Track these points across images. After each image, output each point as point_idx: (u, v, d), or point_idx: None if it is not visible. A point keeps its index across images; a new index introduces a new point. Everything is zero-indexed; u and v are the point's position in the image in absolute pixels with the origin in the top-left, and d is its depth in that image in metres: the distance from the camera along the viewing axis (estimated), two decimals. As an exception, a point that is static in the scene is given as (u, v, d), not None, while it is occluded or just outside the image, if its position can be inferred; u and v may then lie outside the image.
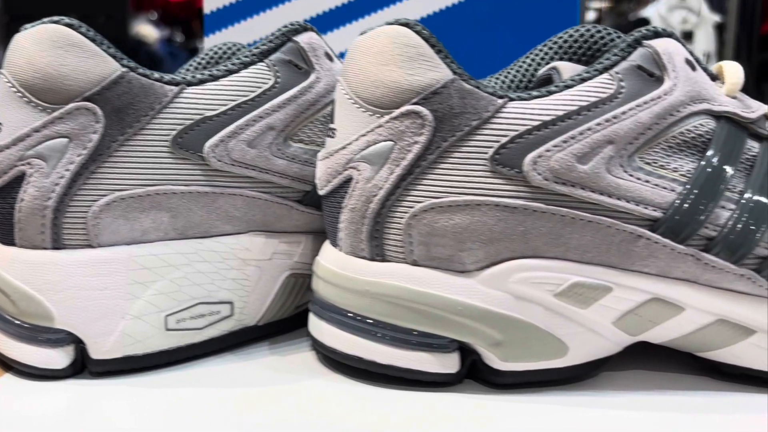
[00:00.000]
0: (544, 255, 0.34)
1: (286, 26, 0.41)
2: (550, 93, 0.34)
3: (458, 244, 0.34)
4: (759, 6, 2.58)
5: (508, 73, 0.41)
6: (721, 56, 2.69)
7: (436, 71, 0.34)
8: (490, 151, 0.33)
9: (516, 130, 0.33)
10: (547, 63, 0.40)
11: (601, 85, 0.34)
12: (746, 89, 0.36)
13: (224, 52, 0.45)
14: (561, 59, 0.40)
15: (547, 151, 0.33)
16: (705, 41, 2.73)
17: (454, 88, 0.33)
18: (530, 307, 0.34)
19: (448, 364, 0.35)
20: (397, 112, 0.34)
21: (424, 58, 0.34)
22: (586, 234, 0.33)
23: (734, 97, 0.36)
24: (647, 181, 0.34)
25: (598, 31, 0.40)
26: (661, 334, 0.35)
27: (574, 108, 0.33)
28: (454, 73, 0.34)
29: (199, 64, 0.45)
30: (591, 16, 2.93)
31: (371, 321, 0.35)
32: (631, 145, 0.34)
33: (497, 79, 0.41)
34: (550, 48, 0.40)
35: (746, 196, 0.34)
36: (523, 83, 0.40)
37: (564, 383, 0.36)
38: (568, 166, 0.33)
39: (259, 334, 0.41)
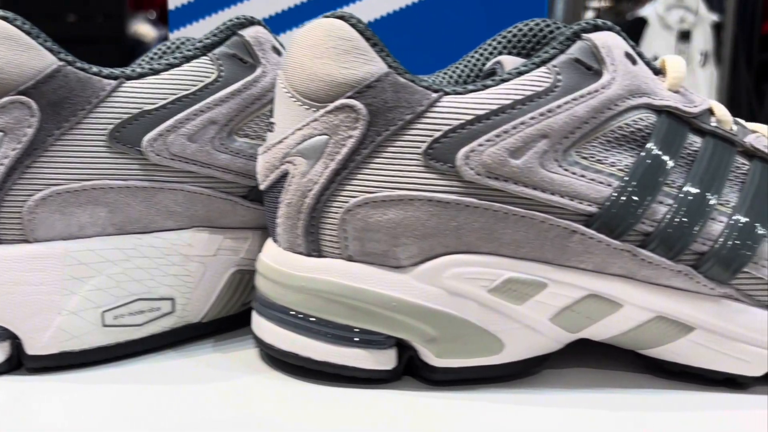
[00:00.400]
0: (478, 250, 0.33)
1: (231, 20, 0.41)
2: (486, 87, 0.33)
3: (392, 240, 0.33)
4: (759, 6, 2.58)
5: (456, 67, 0.41)
6: (718, 56, 2.68)
7: (370, 65, 0.33)
8: (424, 146, 0.33)
9: (449, 125, 0.33)
10: (495, 57, 0.40)
11: (537, 79, 0.34)
12: (746, 89, 0.36)
13: (177, 47, 0.45)
14: (510, 53, 0.40)
15: (480, 145, 0.32)
16: (702, 40, 2.72)
17: (388, 81, 0.33)
18: (464, 302, 0.34)
19: (384, 360, 0.34)
20: (331, 105, 0.33)
21: (359, 52, 0.33)
22: (520, 229, 0.33)
23: (677, 92, 0.36)
24: (583, 176, 0.33)
25: (547, 25, 0.39)
26: (600, 331, 0.35)
27: (508, 102, 0.33)
28: (390, 66, 0.33)
29: (151, 59, 0.45)
30: (589, 15, 2.92)
31: (307, 317, 0.35)
32: (567, 140, 0.33)
33: (445, 73, 0.41)
34: (499, 42, 0.40)
35: (684, 191, 0.34)
36: (471, 78, 0.40)
37: (502, 380, 0.35)
38: (501, 160, 0.32)
39: (204, 331, 0.41)
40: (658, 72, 0.36)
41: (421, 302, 0.34)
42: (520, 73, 0.34)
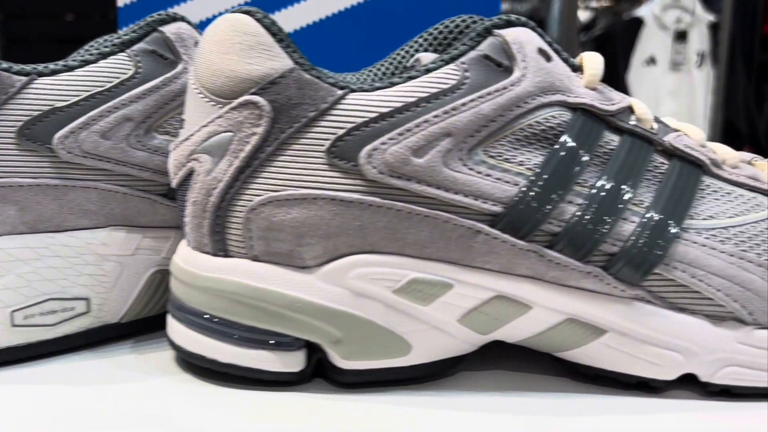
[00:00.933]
0: (382, 250, 0.33)
1: (152, 16, 0.40)
2: (393, 84, 0.33)
3: (297, 239, 0.33)
4: (760, 6, 2.56)
5: (382, 65, 0.40)
6: (715, 56, 2.67)
7: (274, 61, 0.33)
8: (327, 144, 0.32)
9: (353, 122, 0.32)
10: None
11: (444, 76, 0.33)
12: (743, 90, 0.35)
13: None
14: (435, 50, 0.39)
15: (383, 144, 0.32)
16: (699, 41, 2.71)
17: (292, 78, 0.32)
18: (369, 303, 0.33)
19: (290, 362, 0.34)
20: (235, 102, 0.33)
21: (263, 47, 0.33)
22: (424, 229, 0.32)
23: (594, 89, 0.35)
24: (488, 175, 0.32)
25: (474, 21, 0.38)
26: (512, 333, 0.34)
27: (413, 100, 0.32)
28: (296, 62, 0.33)
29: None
30: (586, 15, 2.91)
31: (214, 319, 0.34)
32: (472, 138, 0.32)
33: (370, 71, 0.40)
34: (425, 39, 0.39)
35: (595, 190, 0.33)
36: (394, 75, 0.39)
37: (412, 382, 0.35)
38: (403, 159, 0.32)
39: (124, 331, 0.40)
40: (577, 69, 0.36)
41: (326, 303, 0.33)
42: (428, 71, 0.33)
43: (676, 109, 2.58)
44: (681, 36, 2.69)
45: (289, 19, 0.61)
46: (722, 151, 0.37)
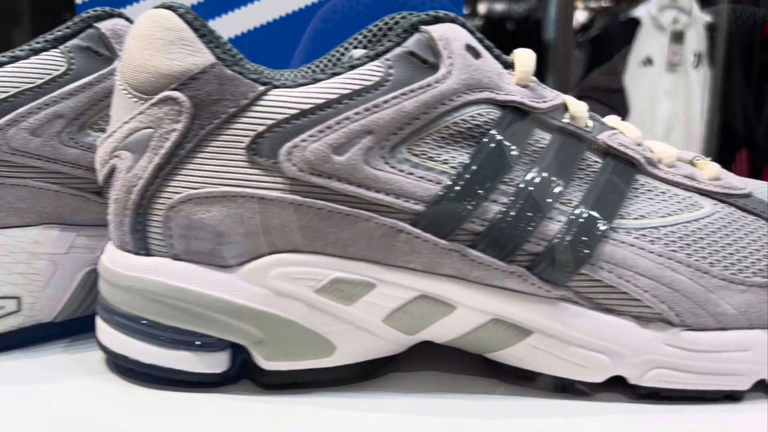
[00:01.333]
0: (304, 249, 0.32)
1: (87, 12, 0.39)
2: (316, 81, 0.32)
3: (217, 238, 0.32)
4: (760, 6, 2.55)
5: (321, 62, 0.40)
6: (712, 56, 2.66)
7: (195, 56, 0.32)
8: (247, 140, 0.32)
9: (274, 119, 0.32)
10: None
11: (368, 73, 0.32)
12: (740, 90, 0.34)
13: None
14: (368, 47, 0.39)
15: (303, 141, 0.31)
16: (696, 41, 2.70)
17: (213, 73, 0.32)
18: (291, 303, 0.32)
19: (213, 363, 0.33)
20: (156, 98, 0.32)
21: (184, 42, 0.32)
22: (345, 228, 0.32)
23: (525, 86, 0.34)
24: (411, 174, 0.32)
25: (404, 18, 0.38)
26: (439, 333, 0.34)
27: (335, 96, 0.31)
28: (218, 58, 0.32)
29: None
30: (584, 15, 2.91)
31: (136, 319, 0.33)
32: (395, 136, 0.32)
33: (309, 68, 0.40)
34: (365, 36, 0.39)
35: (521, 188, 0.32)
36: (333, 72, 0.39)
37: (339, 383, 0.34)
38: (323, 156, 0.31)
39: (58, 331, 0.40)
40: (510, 66, 0.35)
41: (247, 303, 0.32)
42: (353, 67, 0.33)
43: (673, 110, 2.57)
44: (678, 37, 2.68)
45: (245, 20, 0.60)
46: (660, 150, 0.36)
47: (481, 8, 2.31)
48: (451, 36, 0.33)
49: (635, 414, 0.32)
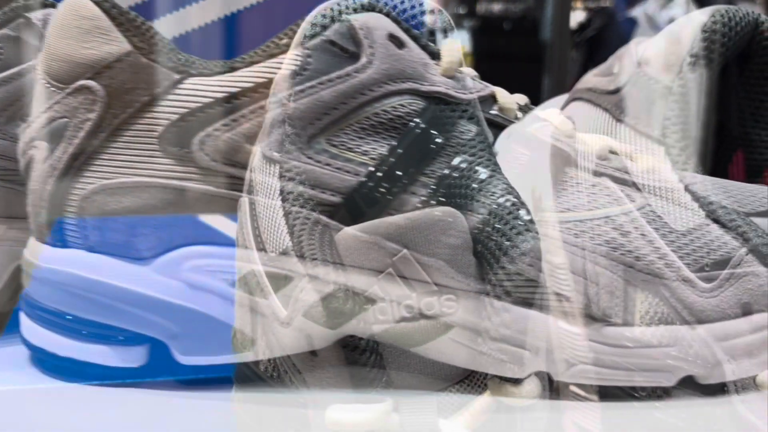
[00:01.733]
0: (218, 241, 0.31)
1: (18, 2, 0.39)
2: (234, 69, 0.32)
3: (130, 229, 0.32)
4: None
5: (255, 52, 0.39)
6: (708, 57, 2.65)
7: (111, 44, 0.32)
8: (160, 130, 0.31)
9: (188, 108, 0.31)
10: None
11: (287, 62, 0.32)
12: (735, 91, 0.34)
13: None
14: (309, 38, 0.38)
15: (216, 130, 0.31)
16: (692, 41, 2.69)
17: (128, 62, 0.31)
18: (206, 296, 0.32)
19: (129, 357, 0.33)
20: (71, 87, 0.32)
21: (100, 31, 0.32)
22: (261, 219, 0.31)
23: (451, 77, 0.33)
24: (328, 165, 0.31)
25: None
26: (361, 327, 0.33)
27: (250, 85, 0.31)
28: (134, 46, 0.32)
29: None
30: (583, 15, 2.90)
31: (53, 311, 0.33)
32: (312, 126, 0.31)
33: (242, 58, 0.39)
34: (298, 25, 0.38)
35: (442, 180, 0.32)
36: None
37: (261, 380, 0.33)
38: (237, 146, 0.30)
39: (-12, 325, 0.39)
40: (437, 56, 0.34)
41: (160, 296, 0.32)
42: (271, 56, 0.32)
43: (670, 111, 2.56)
44: (674, 37, 2.67)
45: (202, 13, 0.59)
46: (592, 143, 0.36)
47: (479, 8, 2.31)
48: (373, 25, 0.33)
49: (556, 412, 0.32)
